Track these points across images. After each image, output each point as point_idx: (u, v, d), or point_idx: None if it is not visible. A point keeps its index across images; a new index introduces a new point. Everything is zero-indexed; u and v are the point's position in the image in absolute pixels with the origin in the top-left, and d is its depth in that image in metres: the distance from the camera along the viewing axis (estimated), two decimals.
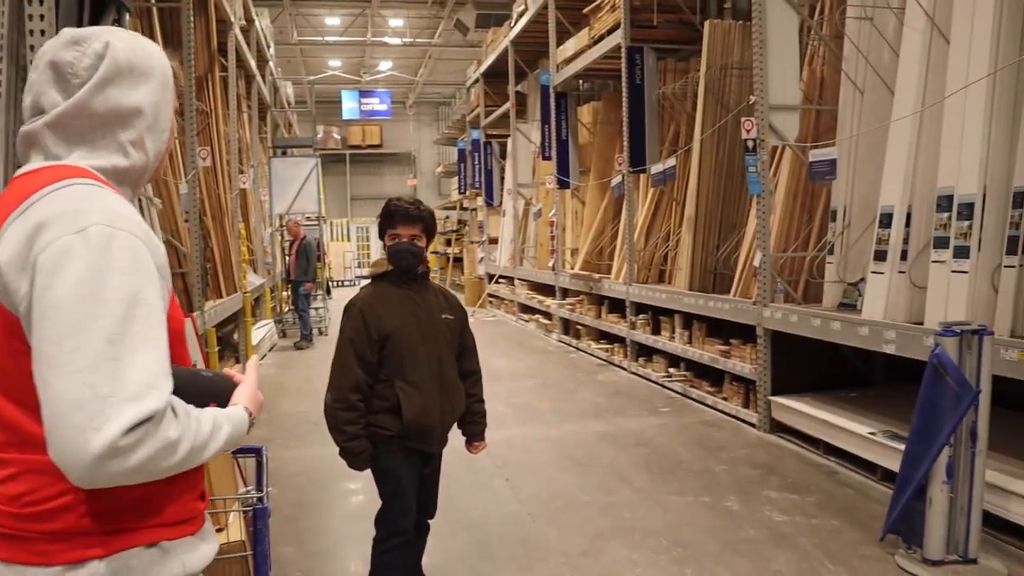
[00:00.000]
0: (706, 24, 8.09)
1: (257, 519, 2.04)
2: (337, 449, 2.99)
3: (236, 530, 2.12)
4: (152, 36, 7.21)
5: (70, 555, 1.27)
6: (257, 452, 2.45)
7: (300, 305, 11.83)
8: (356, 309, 3.00)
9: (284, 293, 14.23)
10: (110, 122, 1.40)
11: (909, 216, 5.04)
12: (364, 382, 2.94)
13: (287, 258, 12.43)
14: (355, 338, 2.94)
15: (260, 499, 2.06)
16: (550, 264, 12.16)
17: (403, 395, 2.94)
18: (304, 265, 11.71)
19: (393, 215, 3.01)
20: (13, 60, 3.98)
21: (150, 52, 1.47)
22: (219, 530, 2.11)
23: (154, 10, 7.19)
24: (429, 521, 3.29)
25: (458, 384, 3.16)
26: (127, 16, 5.77)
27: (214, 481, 2.13)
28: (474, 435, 3.29)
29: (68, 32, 1.42)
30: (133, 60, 1.43)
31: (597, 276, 10.02)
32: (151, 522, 1.34)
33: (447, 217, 23.22)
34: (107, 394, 1.17)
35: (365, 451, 2.96)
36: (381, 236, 3.09)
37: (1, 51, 3.81)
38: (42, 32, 3.49)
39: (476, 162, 16.77)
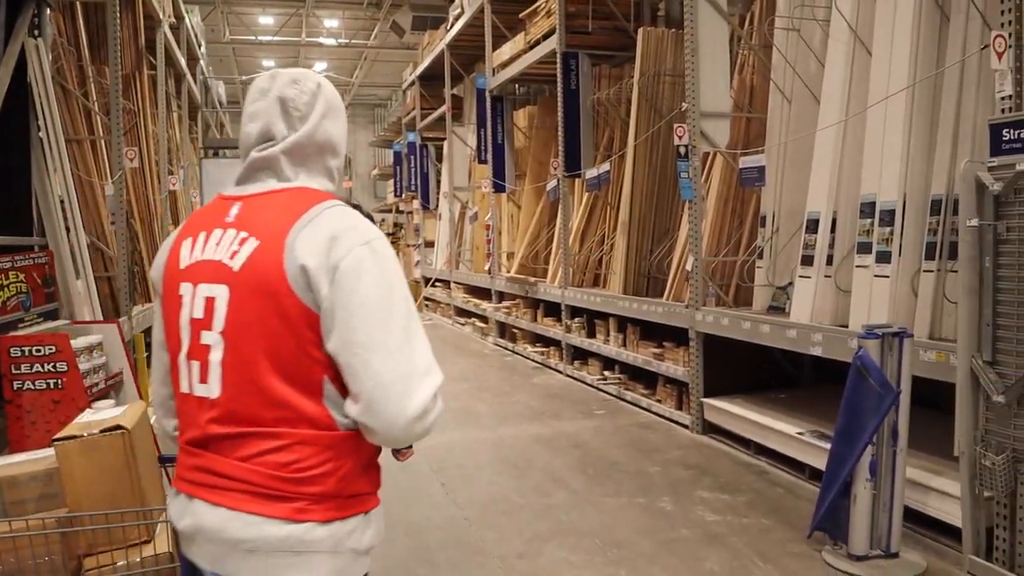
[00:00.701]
0: (640, 31, 8.22)
1: None
2: None
3: (163, 542, 2.07)
4: (76, 32, 6.98)
5: (323, 515, 1.54)
6: None
7: None
8: None
9: None
10: (324, 150, 1.72)
11: (834, 222, 5.20)
12: None
13: None
14: None
15: None
16: (486, 268, 12.17)
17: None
18: None
19: None
20: None
21: (336, 91, 1.79)
22: (146, 542, 2.06)
23: (78, 5, 6.95)
24: None
25: None
26: (48, 10, 5.60)
27: (143, 491, 2.07)
28: None
29: (287, 73, 1.73)
30: (335, 99, 1.75)
31: (533, 280, 10.07)
32: (371, 490, 1.66)
33: (383, 220, 23.03)
34: (412, 371, 1.51)
35: None
36: None
37: None
38: None
39: (412, 165, 16.67)
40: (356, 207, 1.71)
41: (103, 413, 2.21)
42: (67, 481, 2.02)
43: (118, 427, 2.06)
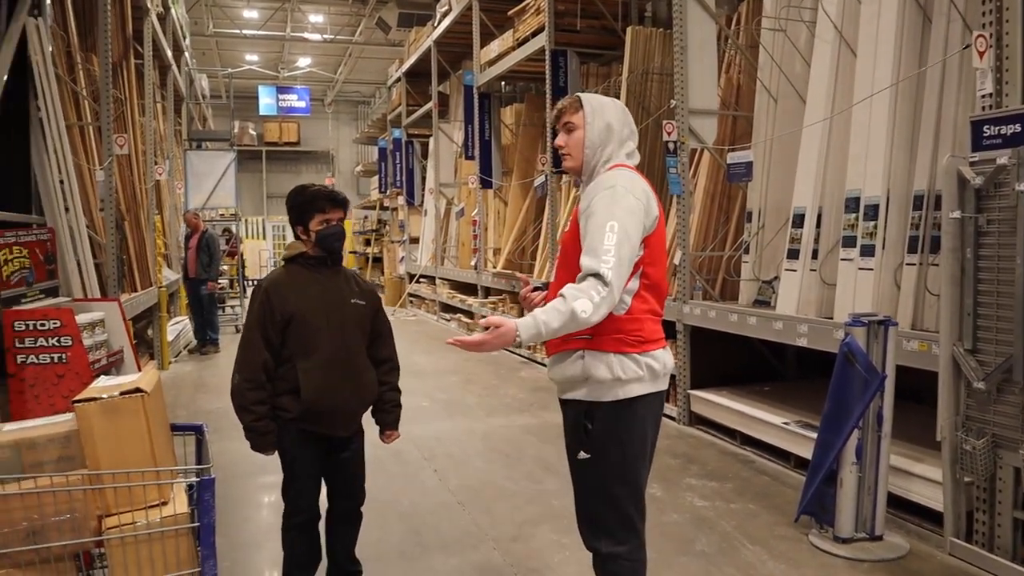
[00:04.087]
0: (628, 30, 8.33)
1: (204, 491, 2.04)
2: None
3: (181, 503, 2.12)
4: (65, 17, 6.97)
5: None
6: (197, 430, 2.46)
7: (205, 307, 10.48)
8: (262, 290, 3.02)
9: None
10: None
11: (820, 217, 5.32)
12: (270, 363, 2.95)
13: (186, 253, 10.67)
14: (261, 319, 2.95)
15: (207, 470, 2.07)
16: (472, 263, 12.23)
17: (303, 377, 2.94)
18: (205, 261, 10.30)
19: (321, 199, 3.03)
20: None
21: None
22: (164, 504, 2.10)
23: None
24: (361, 509, 3.31)
25: (367, 370, 3.15)
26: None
27: (158, 456, 2.12)
28: (386, 424, 3.28)
29: None
30: None
31: (519, 275, 10.12)
32: None
33: (366, 217, 23.02)
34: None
35: (271, 432, 2.97)
36: (301, 223, 3.06)
37: None
38: None
39: (397, 161, 16.70)
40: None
41: (120, 378, 2.26)
42: (87, 442, 2.06)
43: (137, 390, 2.11)
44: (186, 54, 14.80)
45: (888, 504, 4.01)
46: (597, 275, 2.22)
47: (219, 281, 11.14)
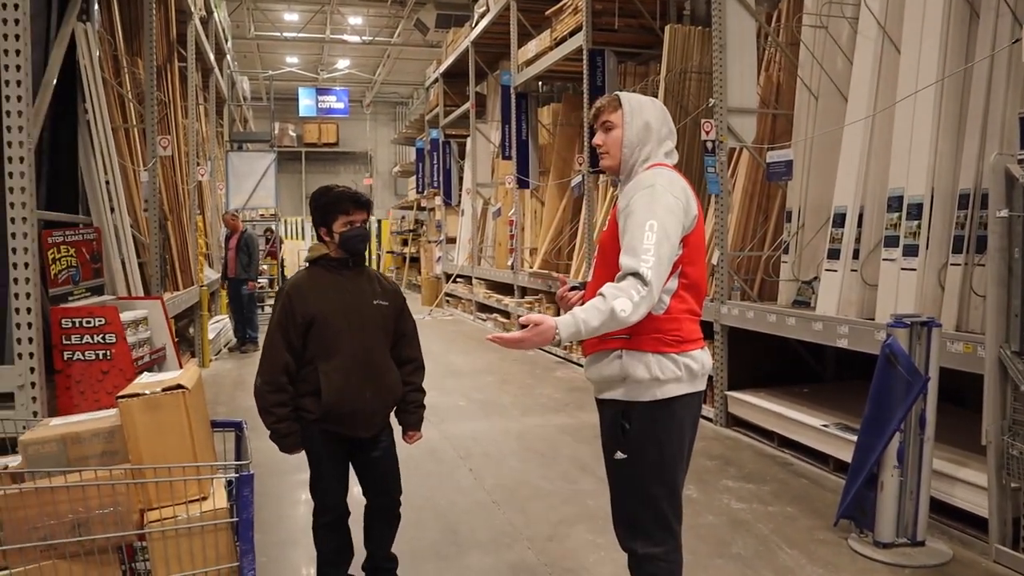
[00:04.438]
0: (667, 29, 8.27)
1: (243, 486, 2.07)
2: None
3: (220, 498, 2.16)
4: (112, 24, 7.11)
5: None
6: (237, 426, 2.49)
7: (245, 306, 10.64)
8: (284, 293, 3.05)
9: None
10: None
11: (861, 216, 5.24)
12: (291, 365, 2.98)
13: (225, 253, 10.86)
14: (282, 321, 2.99)
15: (246, 466, 2.10)
16: (509, 263, 12.24)
17: (324, 379, 2.97)
18: (245, 261, 10.50)
19: (345, 201, 3.04)
20: None
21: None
22: (204, 498, 2.14)
23: None
24: (399, 509, 3.32)
25: (389, 371, 3.15)
26: (95, 2, 5.73)
27: (199, 451, 2.16)
28: (408, 424, 3.28)
29: None
30: None
31: (556, 275, 10.12)
32: None
33: (403, 217, 23.16)
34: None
35: (293, 433, 3.00)
36: (324, 224, 3.08)
37: None
38: (15, 6, 3.46)
39: (435, 161, 16.78)
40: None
41: (162, 375, 2.30)
42: (129, 437, 2.10)
43: (179, 386, 2.15)
44: (228, 57, 15.04)
45: (931, 509, 3.93)
46: (636, 274, 2.21)
47: (259, 280, 11.26)
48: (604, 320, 2.18)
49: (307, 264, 3.17)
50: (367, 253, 3.22)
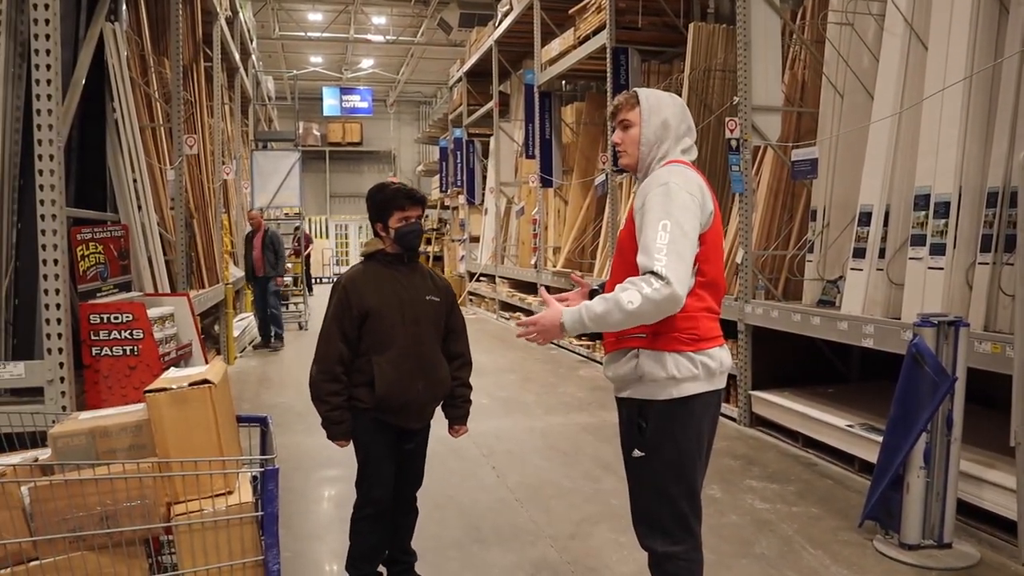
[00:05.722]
0: (691, 27, 8.23)
1: (268, 480, 2.10)
2: (322, 433, 3.12)
3: (246, 492, 2.18)
4: (140, 24, 7.20)
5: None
6: (262, 421, 2.52)
7: (271, 303, 10.71)
8: (341, 286, 3.12)
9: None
10: None
11: (887, 215, 5.18)
12: (346, 355, 3.05)
13: (251, 251, 10.83)
14: (338, 313, 3.06)
15: (271, 461, 2.12)
16: (532, 262, 12.25)
17: (378, 370, 3.03)
18: (272, 259, 10.63)
19: (401, 197, 3.09)
20: (12, 35, 4.00)
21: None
22: (229, 492, 2.17)
23: None
24: (417, 505, 3.37)
25: (440, 365, 3.22)
26: (123, 2, 5.80)
27: (224, 446, 2.18)
28: (455, 418, 3.35)
29: None
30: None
31: (575, 275, 10.09)
32: None
33: (427, 216, 23.22)
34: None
35: (345, 422, 3.07)
36: (380, 220, 3.14)
37: (0, 26, 3.83)
38: (46, 6, 3.51)
39: (458, 161, 16.81)
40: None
41: (189, 370, 2.33)
42: (156, 431, 2.14)
43: (205, 381, 2.18)
44: (253, 57, 15.16)
45: (958, 511, 3.88)
46: (651, 272, 2.21)
47: (285, 277, 11.40)
48: (608, 308, 2.20)
49: (362, 258, 3.23)
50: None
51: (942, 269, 4.61)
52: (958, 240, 4.58)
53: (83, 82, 4.63)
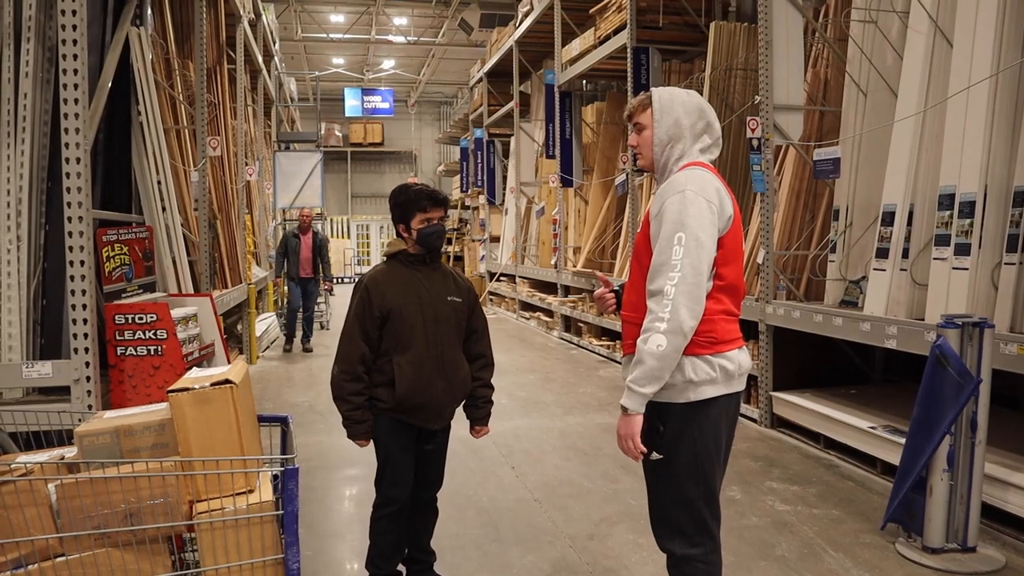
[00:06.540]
0: (712, 25, 8.19)
1: (288, 479, 2.12)
2: (343, 432, 3.14)
3: (267, 491, 2.21)
4: (164, 28, 7.28)
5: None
6: (283, 421, 2.54)
7: (307, 306, 10.76)
8: (363, 286, 3.13)
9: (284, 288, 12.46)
10: None
11: (911, 214, 5.13)
12: (368, 355, 3.07)
13: (299, 252, 10.80)
14: (360, 313, 3.08)
15: (291, 460, 2.14)
16: (552, 262, 12.24)
17: (398, 371, 3.05)
18: (318, 263, 10.74)
19: (423, 198, 3.10)
20: (41, 41, 4.07)
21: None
22: (250, 491, 2.19)
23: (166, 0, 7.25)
24: (437, 505, 3.39)
25: (461, 365, 3.22)
26: (148, 7, 5.87)
27: (246, 445, 2.21)
28: (476, 419, 3.36)
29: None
30: None
31: (598, 274, 10.09)
32: None
33: (448, 216, 23.26)
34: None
35: (366, 421, 3.09)
36: (403, 221, 3.15)
37: (29, 31, 3.90)
38: (74, 12, 3.56)
39: (479, 161, 16.84)
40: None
41: (211, 370, 2.37)
42: (179, 430, 2.17)
43: (227, 381, 2.20)
44: (276, 59, 15.27)
45: (982, 514, 3.84)
46: (660, 293, 2.25)
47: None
48: (645, 362, 2.25)
49: (384, 259, 3.25)
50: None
51: (967, 269, 4.56)
52: (983, 240, 4.53)
53: (109, 86, 4.70)
